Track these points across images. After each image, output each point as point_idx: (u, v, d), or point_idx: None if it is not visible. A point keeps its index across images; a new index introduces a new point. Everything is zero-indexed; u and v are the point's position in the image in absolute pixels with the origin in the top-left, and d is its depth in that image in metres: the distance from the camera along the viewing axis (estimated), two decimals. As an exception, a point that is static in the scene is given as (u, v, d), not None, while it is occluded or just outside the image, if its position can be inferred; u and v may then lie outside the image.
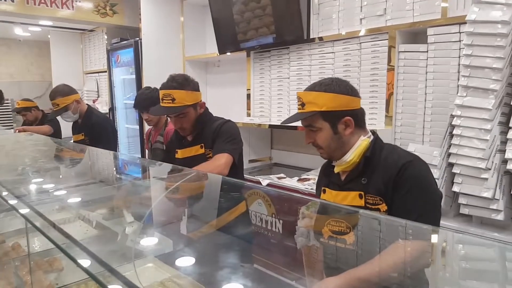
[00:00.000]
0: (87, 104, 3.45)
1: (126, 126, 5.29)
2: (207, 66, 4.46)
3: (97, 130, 3.22)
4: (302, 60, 3.12)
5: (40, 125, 4.58)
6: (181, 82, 2.05)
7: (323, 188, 1.55)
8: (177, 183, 1.87)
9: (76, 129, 3.40)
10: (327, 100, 1.39)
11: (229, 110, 4.11)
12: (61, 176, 2.34)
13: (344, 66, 2.84)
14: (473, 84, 1.93)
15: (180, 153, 2.21)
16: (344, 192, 1.45)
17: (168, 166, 2.11)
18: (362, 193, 1.39)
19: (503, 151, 1.89)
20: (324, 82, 1.44)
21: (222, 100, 4.26)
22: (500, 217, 1.89)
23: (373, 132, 1.49)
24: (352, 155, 1.42)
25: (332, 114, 1.40)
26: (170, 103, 2.02)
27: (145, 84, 4.16)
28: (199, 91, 2.13)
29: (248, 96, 3.64)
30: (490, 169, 1.90)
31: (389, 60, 2.54)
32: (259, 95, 3.55)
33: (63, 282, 1.64)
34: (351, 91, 1.43)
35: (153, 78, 4.22)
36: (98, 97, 6.09)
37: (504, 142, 1.90)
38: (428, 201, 1.30)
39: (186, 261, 1.72)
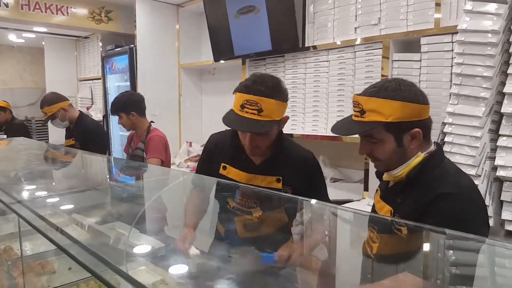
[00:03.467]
0: (79, 110, 3.48)
1: (120, 134, 5.27)
2: (202, 73, 4.49)
3: (87, 136, 3.26)
4: (297, 68, 3.16)
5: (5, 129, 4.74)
6: (273, 87, 1.52)
7: (377, 188, 1.45)
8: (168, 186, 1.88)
9: (68, 134, 3.45)
10: (394, 109, 1.18)
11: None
12: (53, 182, 2.34)
13: (339, 75, 2.87)
14: (464, 92, 1.96)
15: (238, 176, 1.67)
16: (382, 202, 1.34)
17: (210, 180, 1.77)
18: (392, 211, 1.26)
19: (493, 158, 1.93)
20: (390, 86, 1.21)
21: (217, 109, 4.27)
22: (489, 223, 1.91)
23: (437, 144, 1.30)
24: (401, 171, 1.25)
25: (399, 126, 1.20)
26: (255, 114, 1.48)
27: (140, 91, 4.17)
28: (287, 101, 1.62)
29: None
30: (480, 175, 1.92)
31: (383, 69, 2.58)
32: (254, 102, 3.57)
33: (55, 285, 1.62)
34: (422, 99, 1.22)
35: (148, 85, 4.25)
36: (92, 104, 6.07)
37: (494, 149, 1.94)
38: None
39: (178, 264, 1.72)
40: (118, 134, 5.27)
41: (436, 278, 1.07)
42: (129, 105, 2.95)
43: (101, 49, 5.53)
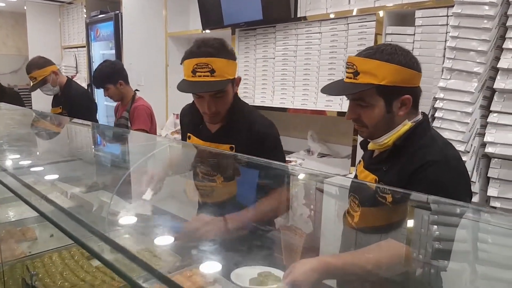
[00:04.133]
0: (66, 76, 3.35)
1: (106, 104, 5.16)
2: (190, 43, 4.35)
3: (76, 103, 3.13)
4: (288, 40, 3.08)
5: None
6: (219, 47, 1.51)
7: (360, 159, 1.47)
8: (152, 152, 1.84)
9: (55, 102, 3.32)
10: (389, 72, 1.18)
11: (211, 90, 4.05)
12: (37, 150, 2.27)
13: (331, 47, 2.81)
14: (458, 67, 1.93)
15: (196, 143, 1.75)
16: (366, 172, 1.35)
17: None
18: (377, 178, 1.27)
19: (482, 135, 1.92)
20: (386, 50, 1.21)
21: (205, 79, 4.19)
22: (475, 199, 1.92)
23: (424, 115, 1.31)
24: (388, 138, 1.26)
25: (391, 90, 1.20)
26: (208, 76, 1.46)
27: (125, 59, 4.05)
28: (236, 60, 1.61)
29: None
30: (469, 152, 1.92)
31: (376, 43, 2.53)
32: (243, 75, 3.50)
33: (36, 251, 1.59)
34: (416, 65, 1.23)
35: (134, 54, 4.13)
36: (76, 73, 5.91)
37: (484, 126, 1.93)
38: None
39: (163, 232, 1.69)
40: (103, 104, 5.15)
41: (420, 245, 1.08)
42: (114, 75, 2.87)
43: (85, 16, 5.34)
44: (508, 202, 1.84)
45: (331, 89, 1.35)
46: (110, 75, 2.84)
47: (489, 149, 1.85)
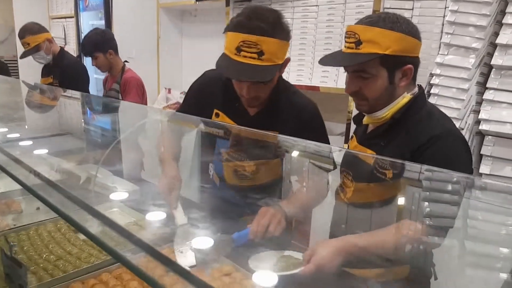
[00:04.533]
0: (60, 46, 3.24)
1: (96, 77, 5.04)
2: (183, 15, 4.25)
3: (69, 73, 3.04)
4: (284, 12, 2.93)
5: None
6: (274, 22, 1.26)
7: (352, 134, 1.42)
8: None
9: (45, 71, 3.21)
10: (393, 41, 1.11)
11: (205, 64, 3.95)
12: (25, 123, 2.22)
13: (327, 21, 2.74)
14: (456, 42, 1.89)
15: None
16: (361, 147, 1.29)
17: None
18: (375, 154, 1.23)
19: (477, 112, 1.90)
20: (388, 18, 1.13)
21: (199, 53, 4.10)
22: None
23: (420, 87, 1.26)
24: (387, 111, 1.20)
25: (394, 60, 1.14)
26: (254, 58, 1.23)
27: (115, 30, 3.94)
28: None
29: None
30: (463, 129, 1.90)
31: (372, 16, 2.47)
32: (236, 48, 3.42)
33: (22, 224, 1.56)
34: (418, 33, 1.17)
35: (124, 24, 4.01)
36: (65, 44, 5.73)
37: (479, 103, 1.90)
38: None
39: (152, 207, 1.67)
40: (92, 76, 5.04)
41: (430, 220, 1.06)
42: (104, 43, 2.78)
43: (74, -16, 5.16)
44: (499, 180, 1.83)
45: (330, 60, 1.26)
46: (100, 43, 2.76)
47: (483, 126, 1.83)
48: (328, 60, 1.25)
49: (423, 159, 1.09)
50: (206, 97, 1.52)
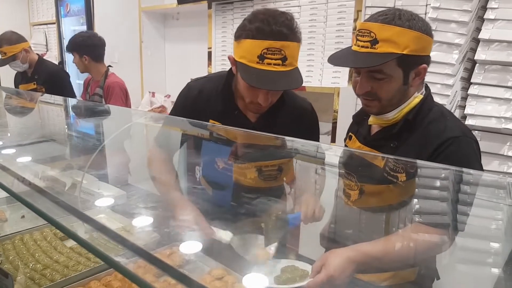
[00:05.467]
0: (37, 54, 3.28)
1: (78, 82, 4.97)
2: (166, 18, 4.22)
3: (53, 79, 3.12)
4: (266, 13, 3.00)
5: None
6: (291, 26, 1.21)
7: (350, 134, 1.36)
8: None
9: (24, 78, 3.23)
10: (411, 40, 1.06)
11: (188, 68, 3.94)
12: (8, 131, 2.17)
13: (310, 21, 2.75)
14: (438, 38, 1.91)
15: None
16: (368, 148, 1.24)
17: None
18: (385, 157, 1.16)
19: (462, 107, 1.92)
20: (403, 15, 1.08)
21: (181, 57, 4.07)
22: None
23: (426, 87, 1.21)
24: (398, 113, 1.15)
25: (411, 60, 1.09)
26: (279, 65, 1.17)
27: (98, 35, 3.89)
28: None
29: (210, 54, 3.48)
30: (449, 124, 1.92)
31: (357, 16, 2.48)
32: (221, 50, 3.41)
33: (6, 233, 1.52)
34: (431, 31, 1.12)
35: (106, 29, 3.95)
36: (47, 51, 5.65)
37: (465, 98, 1.92)
38: None
39: (140, 212, 1.64)
40: (75, 82, 4.97)
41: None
42: (83, 47, 2.78)
43: (54, -10, 5.08)
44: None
45: (342, 60, 1.19)
46: (78, 45, 2.79)
47: (469, 121, 1.85)
48: (339, 60, 1.19)
49: (439, 160, 1.06)
50: (199, 110, 1.43)
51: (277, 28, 1.17)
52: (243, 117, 1.39)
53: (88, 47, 2.79)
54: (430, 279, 1.21)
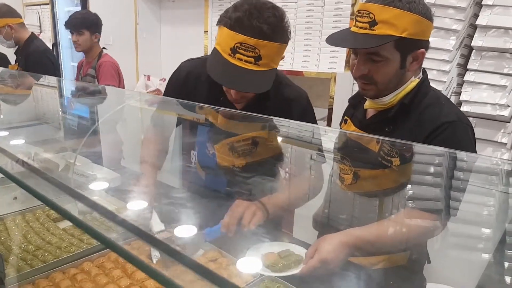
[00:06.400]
0: (31, 32, 3.13)
1: (72, 64, 4.92)
2: (161, 1, 4.16)
3: (32, 61, 2.93)
4: None
5: None
6: (275, 24, 1.15)
7: (345, 118, 1.35)
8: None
9: (16, 58, 3.13)
10: (410, 23, 1.04)
11: (184, 51, 3.89)
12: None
13: (308, 5, 2.72)
14: (436, 24, 1.89)
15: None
16: (363, 132, 1.23)
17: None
18: (381, 139, 1.15)
19: (458, 93, 1.91)
20: None
21: (177, 40, 4.02)
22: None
23: (423, 71, 1.20)
24: (394, 96, 1.15)
25: (409, 43, 1.07)
26: (251, 63, 1.13)
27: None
28: None
29: (206, 38, 3.44)
30: (444, 111, 1.92)
31: (354, 0, 2.46)
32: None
33: (-3, 214, 1.51)
34: (431, 15, 1.10)
35: (101, 11, 3.85)
36: (40, 32, 5.56)
37: (460, 84, 1.92)
38: None
39: (134, 195, 1.63)
40: (69, 64, 4.92)
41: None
42: (95, 25, 2.78)
43: (47, -31, 4.98)
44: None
45: (340, 41, 1.17)
46: (93, 23, 2.77)
47: (464, 108, 1.85)
48: (337, 41, 1.16)
49: (434, 145, 1.06)
50: (187, 92, 1.40)
51: (257, 24, 1.11)
52: (229, 105, 1.33)
53: (100, 26, 2.79)
54: (421, 263, 1.22)
